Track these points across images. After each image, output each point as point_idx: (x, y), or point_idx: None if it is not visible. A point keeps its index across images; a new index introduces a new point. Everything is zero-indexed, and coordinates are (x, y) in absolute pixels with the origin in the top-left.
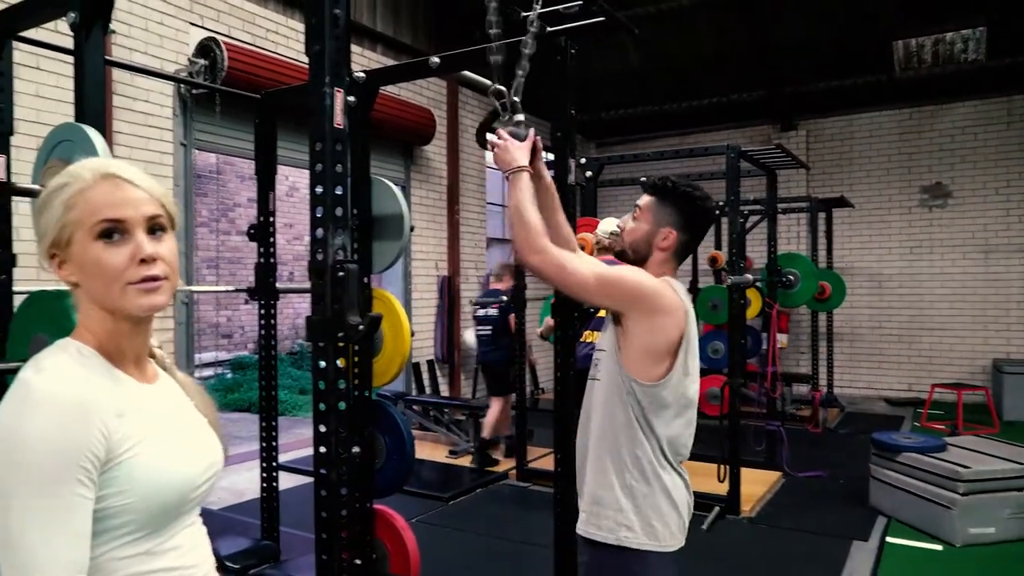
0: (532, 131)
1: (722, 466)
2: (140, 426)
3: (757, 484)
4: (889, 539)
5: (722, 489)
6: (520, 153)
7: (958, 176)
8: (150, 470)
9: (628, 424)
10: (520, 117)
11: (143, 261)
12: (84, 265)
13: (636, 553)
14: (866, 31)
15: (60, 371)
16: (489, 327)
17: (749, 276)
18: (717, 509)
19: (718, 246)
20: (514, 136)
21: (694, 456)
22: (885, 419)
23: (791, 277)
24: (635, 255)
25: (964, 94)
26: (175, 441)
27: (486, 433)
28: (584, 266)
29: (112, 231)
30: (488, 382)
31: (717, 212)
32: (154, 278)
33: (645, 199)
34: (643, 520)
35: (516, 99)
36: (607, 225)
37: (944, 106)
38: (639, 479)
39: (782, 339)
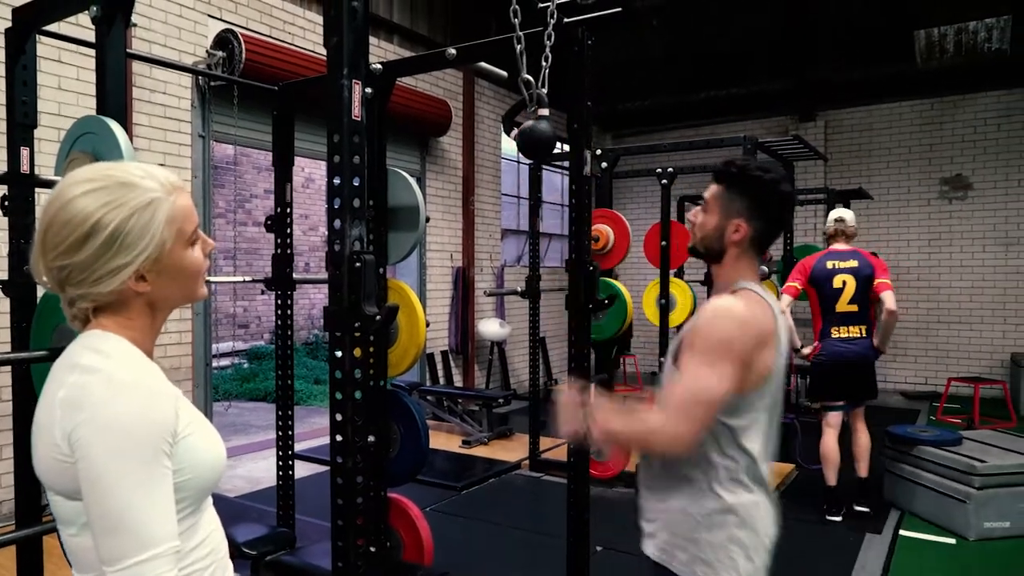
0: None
1: None
2: (187, 409)
3: (770, 476)
4: (903, 532)
5: None
6: (581, 417)
7: (979, 168)
8: (202, 449)
9: (708, 451)
10: (545, 112)
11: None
12: (180, 270)
13: None
14: (887, 21)
15: (127, 357)
16: None
17: (764, 268)
18: None
19: None
20: (535, 130)
21: None
22: (900, 412)
23: None
24: (708, 252)
25: (987, 85)
26: (205, 423)
27: None
28: (686, 404)
29: (197, 235)
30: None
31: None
32: None
33: (712, 189)
34: (723, 556)
35: (543, 91)
36: (835, 213)
37: (967, 96)
38: (719, 510)
39: None
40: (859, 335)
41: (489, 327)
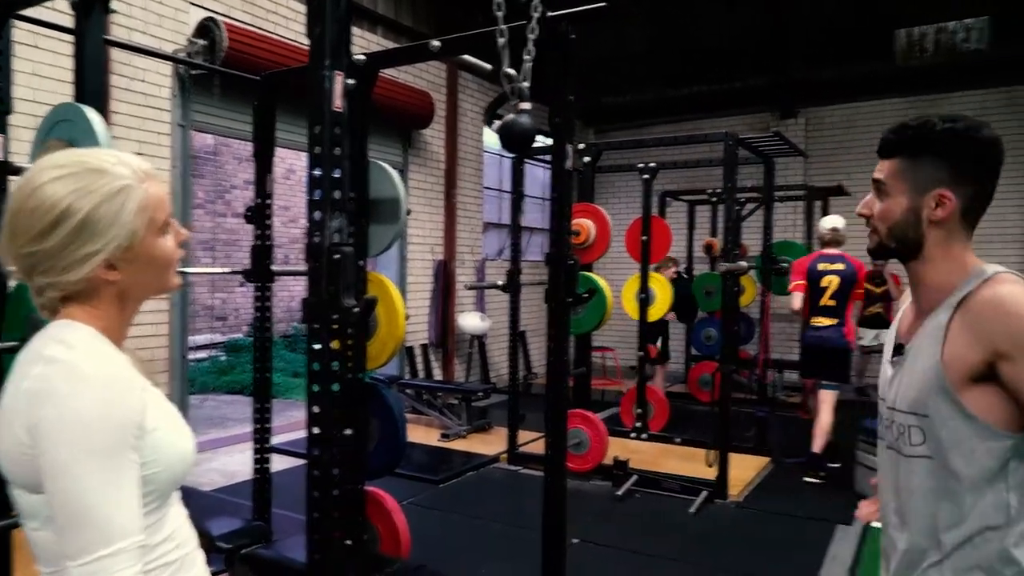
0: None
1: (711, 451)
2: (154, 400)
3: (746, 469)
4: (872, 523)
5: (711, 474)
6: None
7: None
8: (169, 442)
9: (1000, 510)
10: (526, 106)
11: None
12: (151, 260)
13: None
14: (869, 19)
15: (92, 348)
16: None
17: (743, 263)
18: (705, 493)
19: (714, 233)
20: (516, 124)
21: (685, 441)
22: (876, 407)
23: (785, 264)
24: (902, 244)
25: (966, 84)
26: (175, 415)
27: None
28: None
29: (169, 224)
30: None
31: (714, 198)
32: None
33: (886, 166)
34: None
35: (524, 85)
36: (829, 221)
37: (946, 95)
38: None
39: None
40: (828, 324)
41: (469, 320)
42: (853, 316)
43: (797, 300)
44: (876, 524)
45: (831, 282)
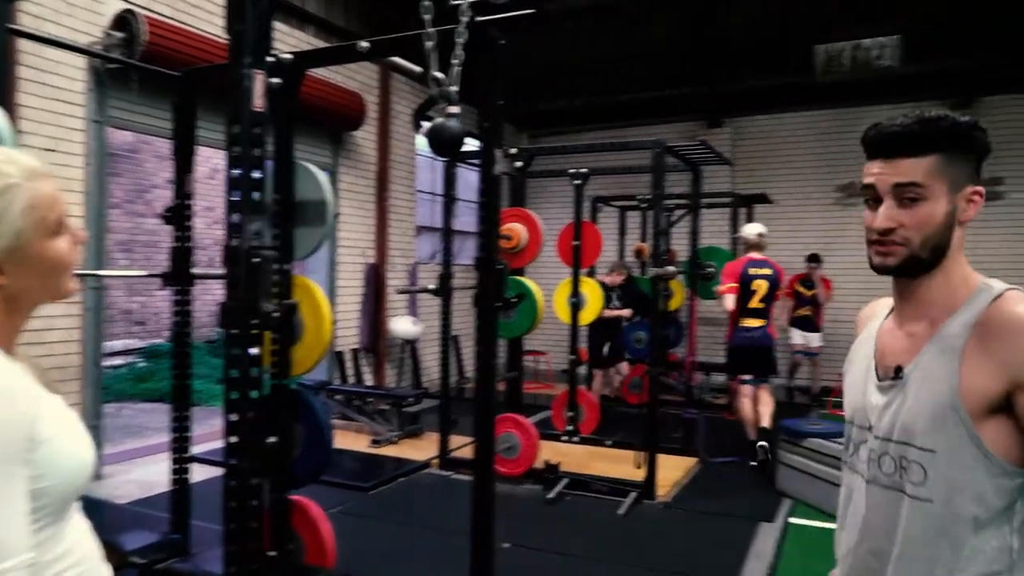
0: None
1: (639, 453)
2: (51, 409)
3: (673, 469)
4: (792, 520)
5: (640, 475)
6: None
7: None
8: (66, 453)
9: (1003, 554)
10: (455, 109)
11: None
12: (40, 262)
13: None
14: (793, 34)
15: None
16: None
17: (672, 268)
18: (634, 494)
19: (644, 238)
20: (444, 128)
21: (615, 443)
22: (799, 407)
23: (711, 269)
24: (934, 254)
25: (880, 99)
26: (74, 424)
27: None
28: None
29: (62, 225)
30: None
31: (644, 204)
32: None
33: (922, 165)
34: None
35: (453, 89)
36: (755, 228)
37: (863, 109)
38: None
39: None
40: (759, 325)
41: (401, 325)
42: (779, 316)
43: (730, 301)
44: (796, 521)
45: (760, 286)
